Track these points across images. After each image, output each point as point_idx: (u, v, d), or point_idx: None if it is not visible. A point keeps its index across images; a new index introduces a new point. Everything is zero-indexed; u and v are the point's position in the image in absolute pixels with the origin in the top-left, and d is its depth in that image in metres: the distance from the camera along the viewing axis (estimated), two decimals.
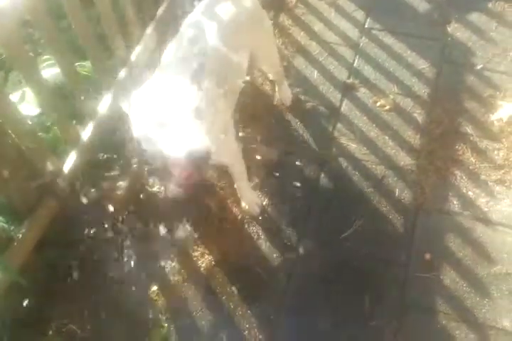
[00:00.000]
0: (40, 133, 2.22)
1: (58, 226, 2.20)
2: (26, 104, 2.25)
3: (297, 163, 2.51)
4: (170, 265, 2.23)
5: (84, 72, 2.50)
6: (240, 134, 2.55)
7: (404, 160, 2.49)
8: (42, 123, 2.31)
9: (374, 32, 3.03)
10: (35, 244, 2.09)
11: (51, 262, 2.18)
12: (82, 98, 2.30)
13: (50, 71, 2.33)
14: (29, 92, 2.20)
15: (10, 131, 1.88)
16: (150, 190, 2.43)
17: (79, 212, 2.34)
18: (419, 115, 2.65)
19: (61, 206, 2.21)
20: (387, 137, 2.58)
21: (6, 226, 2.02)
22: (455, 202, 2.34)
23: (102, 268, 2.24)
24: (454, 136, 2.55)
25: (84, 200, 2.37)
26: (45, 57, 2.45)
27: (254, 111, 2.67)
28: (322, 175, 2.47)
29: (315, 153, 2.54)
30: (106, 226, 2.34)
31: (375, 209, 2.36)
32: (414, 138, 2.56)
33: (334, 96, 2.76)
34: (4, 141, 1.88)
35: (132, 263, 2.26)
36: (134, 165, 2.49)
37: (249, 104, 2.65)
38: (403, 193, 2.39)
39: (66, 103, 2.31)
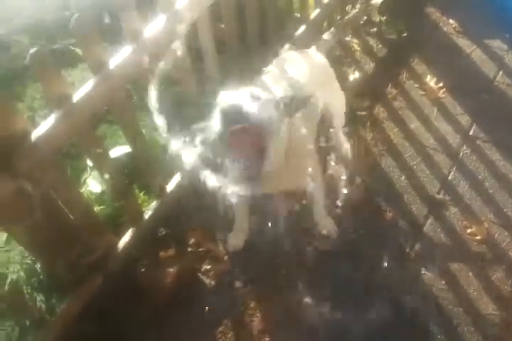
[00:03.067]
0: (100, 207, 2.08)
1: (100, 300, 2.04)
2: (91, 180, 2.11)
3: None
4: None
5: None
6: None
7: (488, 308, 2.11)
8: (104, 196, 2.18)
9: (478, 142, 2.70)
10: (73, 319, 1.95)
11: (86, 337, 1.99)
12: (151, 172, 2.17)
13: (124, 148, 2.25)
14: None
15: (67, 211, 1.79)
16: (201, 277, 2.22)
17: (123, 291, 2.13)
18: None
19: (107, 283, 2.06)
20: (471, 274, 2.21)
21: (43, 306, 1.86)
22: None
23: None
24: None
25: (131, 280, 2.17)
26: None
27: None
28: (386, 303, 2.12)
29: (382, 275, 2.21)
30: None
31: None
32: (504, 282, 2.18)
33: (419, 210, 2.43)
34: (61, 221, 1.78)
35: None
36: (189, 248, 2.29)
37: None
38: None
39: (134, 177, 2.20)
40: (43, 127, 1.56)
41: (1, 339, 1.75)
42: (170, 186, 2.31)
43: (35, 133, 1.54)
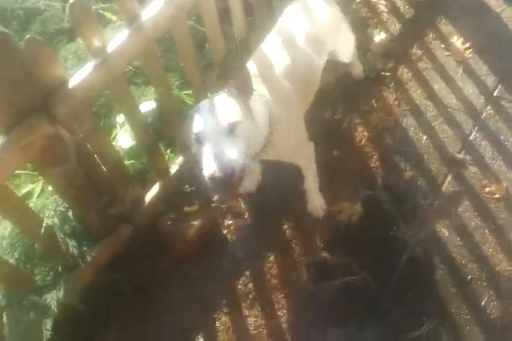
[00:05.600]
0: (130, 161, 2.18)
1: (128, 252, 2.17)
2: (124, 133, 2.20)
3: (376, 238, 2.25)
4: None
5: (189, 101, 2.44)
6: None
7: (502, 264, 2.16)
8: (134, 151, 2.27)
9: (503, 103, 2.68)
10: (101, 268, 2.09)
11: (112, 285, 2.13)
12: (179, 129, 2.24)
13: (150, 104, 2.32)
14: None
15: (99, 161, 1.90)
16: (224, 232, 2.33)
17: (150, 243, 2.26)
18: None
19: (134, 234, 2.18)
20: (487, 232, 2.25)
21: (76, 251, 1.98)
22: None
23: (154, 300, 2.17)
24: None
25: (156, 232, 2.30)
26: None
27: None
28: (403, 258, 2.19)
29: (400, 232, 2.27)
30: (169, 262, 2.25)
31: (453, 314, 2.06)
32: None
33: (439, 170, 2.46)
34: (93, 171, 1.88)
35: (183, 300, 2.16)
36: (212, 204, 2.39)
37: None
38: (491, 303, 2.07)
39: (161, 134, 2.28)
40: (79, 76, 1.64)
41: (36, 283, 1.89)
42: None
43: (72, 81, 1.63)
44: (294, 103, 1.98)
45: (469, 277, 2.13)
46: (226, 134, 1.55)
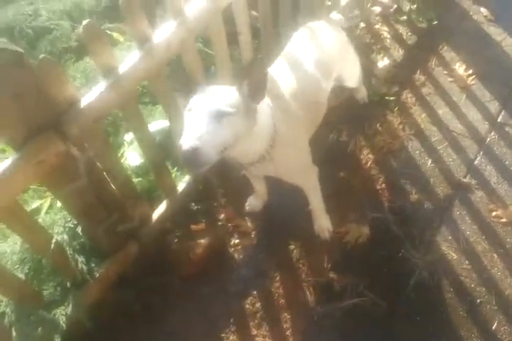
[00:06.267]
0: (137, 179, 2.18)
1: (135, 270, 2.16)
2: (133, 152, 2.20)
3: (384, 260, 2.24)
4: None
5: None
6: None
7: (511, 288, 2.14)
8: (142, 169, 2.27)
9: (507, 129, 2.71)
10: (109, 285, 2.07)
11: (120, 303, 2.11)
12: None
13: (160, 123, 2.34)
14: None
15: (108, 179, 1.90)
16: (230, 251, 2.31)
17: (157, 261, 2.24)
18: None
19: (142, 252, 2.17)
20: (496, 255, 2.24)
21: (84, 268, 1.95)
22: None
23: (162, 318, 2.13)
24: None
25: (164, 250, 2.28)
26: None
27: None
28: (411, 281, 2.17)
29: (406, 253, 2.25)
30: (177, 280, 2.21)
31: (463, 338, 2.03)
32: None
33: (445, 193, 2.46)
34: (103, 188, 1.88)
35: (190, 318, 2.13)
36: (219, 222, 2.38)
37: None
38: (501, 328, 2.04)
39: (169, 152, 2.29)
40: (91, 95, 1.66)
41: (44, 298, 1.85)
42: None
43: (84, 101, 1.64)
44: (301, 124, 1.97)
45: (479, 301, 2.11)
46: (209, 118, 1.51)
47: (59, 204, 2.05)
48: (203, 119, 1.50)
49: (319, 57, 2.13)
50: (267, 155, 1.78)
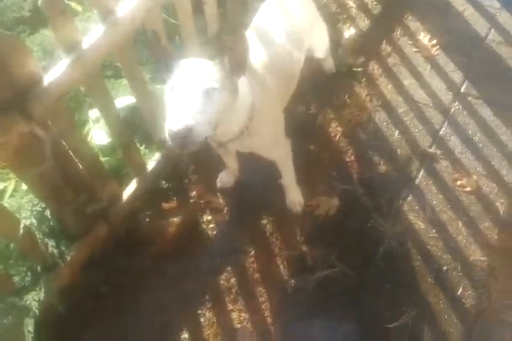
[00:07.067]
0: (104, 158, 2.12)
1: (106, 251, 2.13)
2: (99, 130, 2.14)
3: (353, 231, 2.28)
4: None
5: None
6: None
7: (476, 254, 2.23)
8: (109, 147, 2.21)
9: (469, 99, 2.76)
10: (80, 267, 2.04)
11: (90, 284, 2.09)
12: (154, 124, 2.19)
13: (125, 99, 2.27)
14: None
15: (76, 159, 1.84)
16: (203, 228, 2.30)
17: (127, 241, 2.21)
18: (501, 205, 2.37)
19: (112, 232, 2.13)
20: (460, 223, 2.32)
21: (55, 251, 1.92)
22: None
23: (134, 299, 2.12)
24: None
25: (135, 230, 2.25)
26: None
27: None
28: (380, 251, 2.23)
29: (375, 223, 2.31)
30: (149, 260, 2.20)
31: (430, 304, 2.12)
32: (491, 230, 2.29)
33: (412, 164, 2.51)
34: (70, 169, 1.82)
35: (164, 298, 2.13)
36: (191, 200, 2.37)
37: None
38: (466, 292, 2.14)
39: (136, 129, 2.23)
40: (55, 72, 1.58)
41: (15, 284, 1.81)
42: None
43: (47, 78, 1.56)
44: (276, 96, 1.96)
45: (445, 268, 2.20)
46: (200, 95, 1.47)
47: (24, 186, 1.99)
48: (191, 96, 1.46)
49: (290, 28, 2.10)
50: (246, 131, 1.77)
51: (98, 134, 2.21)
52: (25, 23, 2.87)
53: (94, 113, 2.33)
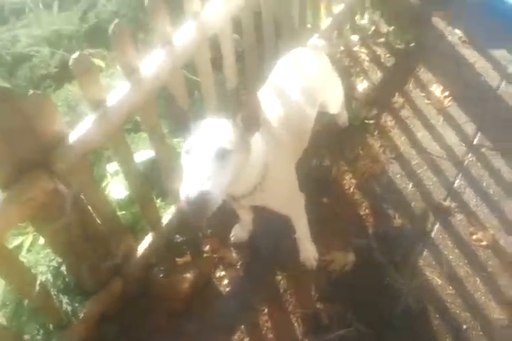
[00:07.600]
0: (121, 212, 2.16)
1: (120, 307, 2.12)
2: (117, 184, 2.18)
3: (369, 287, 2.25)
4: None
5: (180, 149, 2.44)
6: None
7: (495, 312, 2.18)
8: (126, 201, 2.25)
9: (483, 150, 2.77)
10: (93, 324, 2.03)
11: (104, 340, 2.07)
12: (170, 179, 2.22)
13: (145, 153, 2.32)
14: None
15: (94, 214, 1.87)
16: (216, 284, 2.29)
17: (142, 297, 2.21)
18: None
19: (126, 288, 2.13)
20: (478, 280, 2.28)
21: (69, 308, 1.92)
22: None
23: None
24: None
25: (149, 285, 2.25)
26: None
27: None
28: (396, 308, 2.20)
29: (391, 279, 2.27)
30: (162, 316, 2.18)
31: None
32: (510, 288, 2.24)
33: (426, 217, 2.50)
34: (88, 224, 1.85)
35: None
36: (205, 254, 2.38)
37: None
38: None
39: (153, 184, 2.26)
40: (80, 129, 1.63)
41: None
42: None
43: (72, 136, 1.61)
44: (289, 152, 1.99)
45: (464, 326, 2.14)
46: (213, 159, 1.47)
47: (41, 241, 2.02)
48: (205, 160, 1.46)
49: (304, 84, 2.15)
50: (259, 186, 1.77)
51: (116, 188, 2.25)
52: (51, 78, 3.00)
53: (112, 167, 2.38)
